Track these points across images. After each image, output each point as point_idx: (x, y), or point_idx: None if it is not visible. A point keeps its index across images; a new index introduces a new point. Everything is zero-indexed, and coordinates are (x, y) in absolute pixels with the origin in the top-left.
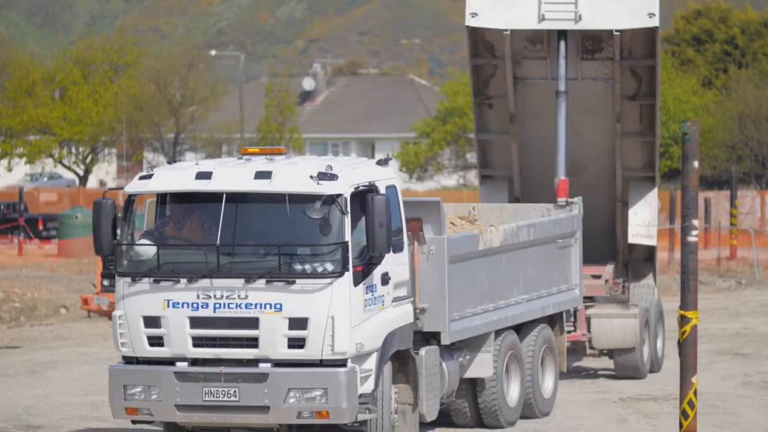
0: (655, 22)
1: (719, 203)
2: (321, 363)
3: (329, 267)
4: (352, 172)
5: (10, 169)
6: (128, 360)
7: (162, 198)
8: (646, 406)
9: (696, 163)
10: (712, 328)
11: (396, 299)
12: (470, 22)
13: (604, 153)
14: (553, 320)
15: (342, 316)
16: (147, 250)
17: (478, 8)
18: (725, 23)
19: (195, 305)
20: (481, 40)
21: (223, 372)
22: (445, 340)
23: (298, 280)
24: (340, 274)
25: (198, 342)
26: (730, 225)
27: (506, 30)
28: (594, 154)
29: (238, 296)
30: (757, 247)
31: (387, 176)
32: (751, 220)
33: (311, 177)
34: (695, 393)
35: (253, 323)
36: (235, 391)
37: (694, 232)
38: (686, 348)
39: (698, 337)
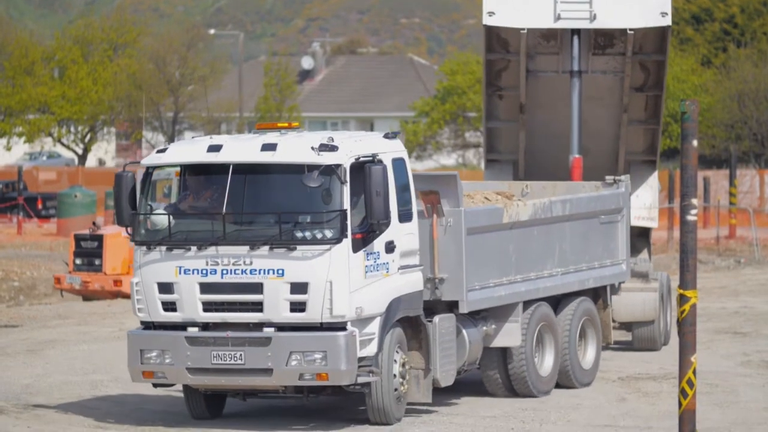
0: (667, 21)
1: (718, 182)
2: (321, 326)
3: (328, 234)
4: (355, 144)
5: (9, 148)
6: (146, 325)
7: (184, 170)
8: (646, 385)
9: (695, 142)
10: (711, 307)
11: (404, 267)
12: (487, 20)
13: (609, 139)
14: (597, 294)
15: (340, 281)
16: (162, 219)
17: (495, 7)
18: (724, 2)
19: (204, 271)
20: (496, 37)
21: (230, 336)
22: (463, 309)
23: (298, 247)
24: (338, 241)
25: (207, 307)
26: (729, 204)
27: (523, 29)
28: (598, 139)
29: (244, 262)
30: (756, 227)
31: (394, 149)
32: (750, 199)
33: (312, 148)
34: (694, 372)
35: (257, 288)
36: (241, 355)
37: (693, 211)
38: (685, 327)
39: (697, 316)
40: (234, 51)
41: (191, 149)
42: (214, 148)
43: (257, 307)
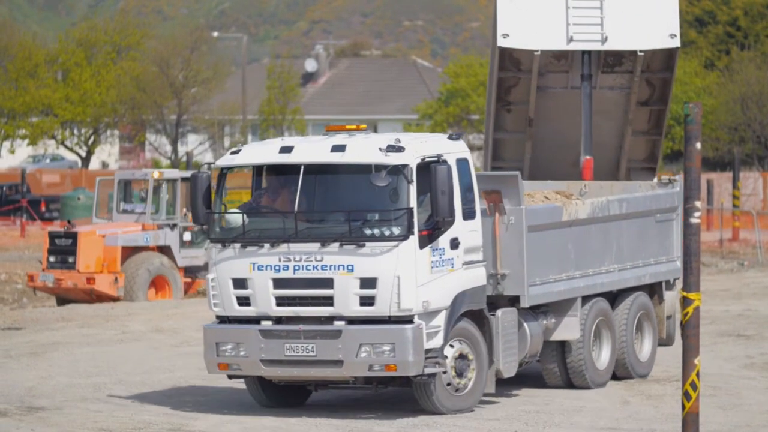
0: (676, 42)
1: (722, 185)
2: (389, 319)
3: (395, 231)
4: (420, 145)
5: (12, 151)
6: (220, 319)
7: (257, 171)
8: (649, 387)
9: (698, 145)
10: (714, 310)
11: (468, 263)
12: (502, 42)
13: (611, 148)
14: (653, 289)
15: (407, 276)
16: (236, 218)
17: (509, 29)
18: (728, 5)
19: (277, 267)
20: (509, 56)
21: (302, 329)
22: (524, 303)
23: (367, 243)
24: (406, 238)
25: (280, 301)
26: (732, 207)
27: (537, 51)
28: (601, 148)
29: (315, 259)
30: (760, 229)
31: (458, 150)
32: (754, 202)
33: (380, 149)
34: (698, 375)
35: (328, 283)
36: (312, 347)
37: (697, 214)
38: (689, 330)
39: (701, 319)
40: (237, 53)
41: (264, 150)
42: (286, 150)
43: (328, 301)
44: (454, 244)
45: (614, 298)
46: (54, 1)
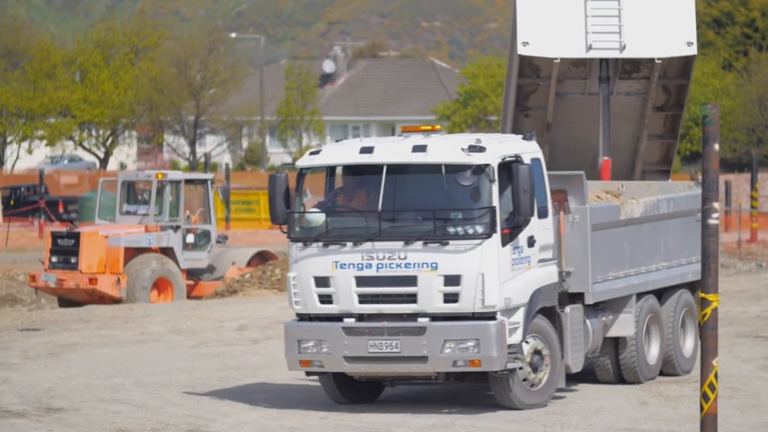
0: (693, 50)
1: (740, 186)
2: (473, 316)
3: (479, 229)
4: (499, 145)
5: (30, 152)
6: (301, 317)
7: (331, 171)
8: (667, 388)
9: (716, 146)
10: (732, 311)
11: (542, 261)
12: (522, 50)
13: (627, 151)
14: (694, 287)
15: (491, 273)
16: (316, 217)
17: (529, 38)
18: (746, 6)
19: (360, 266)
20: (528, 64)
21: (386, 326)
22: (589, 300)
23: (451, 242)
24: (489, 236)
25: (363, 299)
26: (750, 208)
27: (556, 59)
28: (617, 151)
29: (398, 257)
30: None
31: (532, 150)
32: None
33: (462, 149)
34: (716, 376)
35: (411, 281)
36: (396, 343)
37: (715, 215)
38: (707, 331)
39: (719, 320)
40: (255, 55)
41: (344, 151)
42: (367, 150)
43: (411, 298)
44: (531, 242)
45: (660, 295)
46: (72, 2)
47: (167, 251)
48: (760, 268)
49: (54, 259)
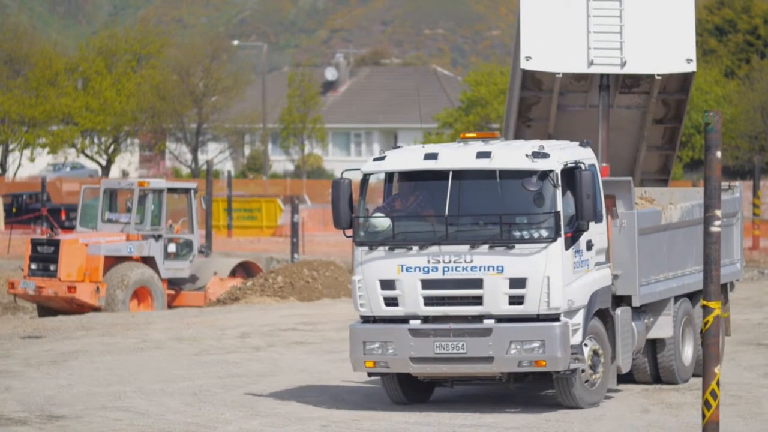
0: (692, 67)
1: (742, 193)
2: (537, 318)
3: (544, 233)
4: (561, 152)
5: (32, 159)
6: (365, 319)
7: (389, 177)
8: (669, 396)
9: (719, 154)
10: (734, 319)
11: (598, 264)
12: (525, 65)
13: (625, 161)
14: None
15: (556, 276)
16: (381, 222)
17: (532, 52)
18: (748, 13)
19: (426, 269)
20: (531, 77)
21: (452, 328)
22: (636, 303)
23: (517, 245)
24: (554, 240)
25: (429, 301)
26: (752, 215)
27: (558, 74)
28: (616, 160)
29: (464, 260)
30: None
31: (588, 156)
32: None
33: (527, 155)
34: (718, 383)
35: (477, 284)
36: (463, 345)
37: (717, 223)
38: (709, 338)
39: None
40: (257, 62)
41: (408, 157)
42: (431, 156)
43: (477, 300)
44: (589, 245)
45: (691, 298)
46: (74, 9)
47: (148, 260)
48: (762, 275)
49: (33, 267)
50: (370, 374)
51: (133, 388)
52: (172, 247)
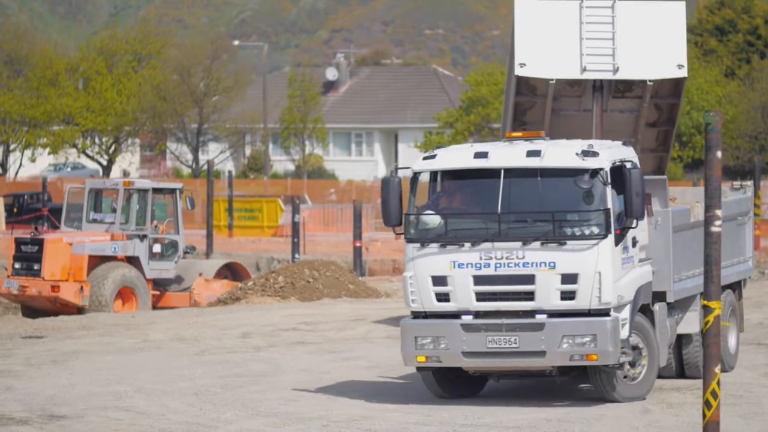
0: (683, 72)
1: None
2: (588, 312)
3: (595, 230)
4: (609, 151)
5: (33, 160)
6: (415, 315)
7: (434, 175)
8: (670, 395)
9: (719, 154)
10: None
11: (641, 260)
12: (519, 71)
13: None
14: (733, 287)
15: (607, 272)
16: (432, 219)
17: (526, 59)
18: (748, 13)
19: (478, 265)
20: (525, 83)
21: (504, 323)
22: (670, 299)
23: (569, 242)
24: (605, 236)
25: (481, 297)
26: (752, 215)
27: (552, 80)
28: None
29: (517, 256)
30: None
31: (632, 155)
32: None
33: (577, 154)
34: (718, 383)
35: (529, 279)
36: (515, 339)
37: (718, 223)
38: (709, 338)
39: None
40: (258, 62)
41: (458, 156)
42: (481, 155)
43: (528, 296)
44: (634, 242)
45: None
46: (75, 10)
47: (133, 260)
48: (763, 275)
49: (17, 266)
50: (418, 369)
51: (133, 387)
52: (157, 248)
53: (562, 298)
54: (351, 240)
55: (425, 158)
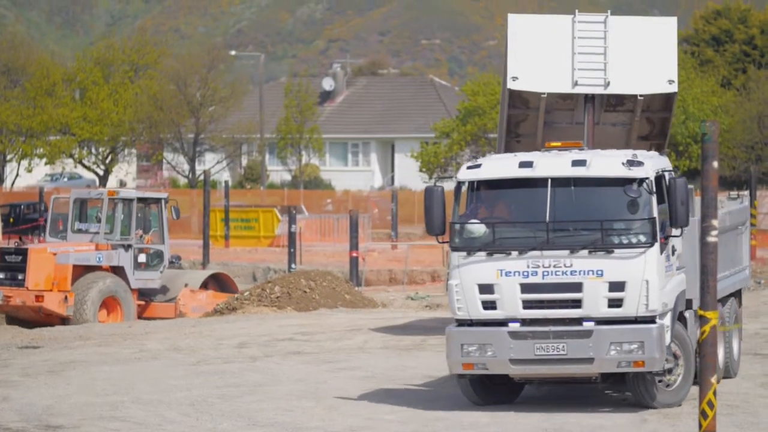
0: (674, 88)
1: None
2: (635, 320)
3: (642, 238)
4: (651, 160)
5: (30, 170)
6: (460, 322)
7: (475, 185)
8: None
9: (715, 163)
10: None
11: (678, 268)
12: (511, 85)
13: None
14: (735, 295)
15: (654, 279)
16: (478, 228)
17: (518, 73)
18: (744, 23)
19: (525, 273)
20: (518, 96)
21: (552, 330)
22: (696, 306)
23: (616, 250)
24: (651, 245)
25: (527, 305)
26: (749, 225)
27: (543, 94)
28: None
29: (564, 265)
30: None
31: (669, 165)
32: None
33: (623, 164)
34: (715, 393)
35: (577, 287)
36: (563, 346)
37: (714, 233)
38: (706, 348)
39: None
40: (255, 72)
41: (503, 165)
42: (526, 164)
43: (576, 304)
44: (674, 250)
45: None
46: (72, 20)
47: (118, 270)
48: (759, 285)
49: (1, 276)
50: (460, 376)
51: (130, 398)
52: (142, 258)
53: (610, 306)
54: (347, 250)
55: (469, 167)
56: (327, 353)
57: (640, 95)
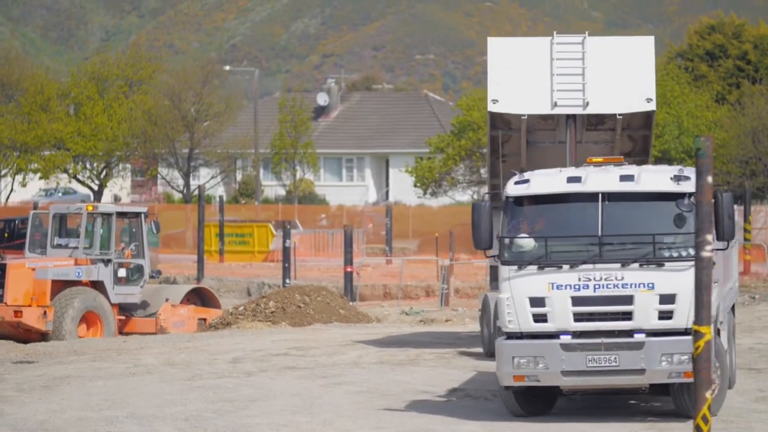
0: (652, 106)
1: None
2: (685, 331)
3: (692, 252)
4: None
5: (24, 185)
6: (510, 335)
7: (520, 200)
8: (661, 420)
9: (710, 179)
10: None
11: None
12: (492, 107)
13: None
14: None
15: None
16: (527, 242)
17: (498, 96)
18: (738, 39)
19: (577, 286)
20: (500, 118)
21: (604, 342)
22: (721, 317)
23: (667, 263)
24: None
25: (579, 317)
26: (743, 240)
27: (524, 115)
28: None
29: (615, 278)
30: None
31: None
32: (765, 236)
33: (671, 178)
34: (709, 408)
35: (628, 300)
36: (615, 358)
37: (708, 248)
38: (700, 363)
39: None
40: (249, 87)
41: (552, 180)
42: (575, 179)
43: (627, 316)
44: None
45: None
46: (66, 35)
47: (98, 285)
48: (753, 300)
49: None
50: (506, 387)
51: (125, 413)
52: (122, 272)
53: (660, 318)
54: (342, 265)
55: (517, 183)
56: (321, 368)
57: (620, 114)
